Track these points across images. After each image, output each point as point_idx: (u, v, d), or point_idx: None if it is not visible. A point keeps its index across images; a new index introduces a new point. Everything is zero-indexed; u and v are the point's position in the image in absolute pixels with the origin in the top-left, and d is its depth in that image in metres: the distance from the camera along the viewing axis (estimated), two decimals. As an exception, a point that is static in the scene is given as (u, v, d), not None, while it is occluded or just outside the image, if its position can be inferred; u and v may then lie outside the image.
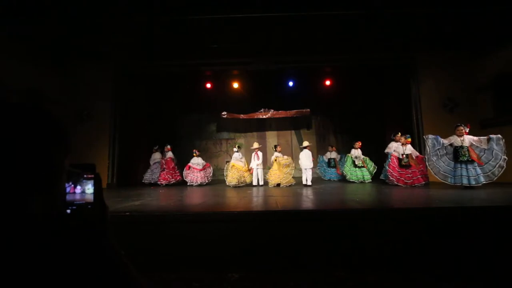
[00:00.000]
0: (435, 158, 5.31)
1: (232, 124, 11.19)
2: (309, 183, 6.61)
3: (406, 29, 6.36)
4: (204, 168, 7.99)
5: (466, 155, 5.04)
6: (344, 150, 9.55)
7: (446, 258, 2.67)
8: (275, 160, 6.90)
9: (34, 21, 5.63)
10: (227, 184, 7.01)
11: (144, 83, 8.71)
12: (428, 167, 5.37)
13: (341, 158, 8.48)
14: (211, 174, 8.21)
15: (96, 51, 7.17)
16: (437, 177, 5.27)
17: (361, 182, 7.04)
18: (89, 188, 0.59)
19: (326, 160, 8.59)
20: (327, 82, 9.45)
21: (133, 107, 8.35)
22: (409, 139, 6.34)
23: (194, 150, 8.28)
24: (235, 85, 9.55)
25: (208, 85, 9.54)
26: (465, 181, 4.95)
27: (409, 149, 6.18)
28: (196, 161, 7.97)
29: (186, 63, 7.84)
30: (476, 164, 4.96)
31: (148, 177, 8.09)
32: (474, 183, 4.89)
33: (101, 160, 7.44)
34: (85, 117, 7.55)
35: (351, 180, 7.24)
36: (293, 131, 11.28)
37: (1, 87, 5.84)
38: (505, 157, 4.79)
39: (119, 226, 2.98)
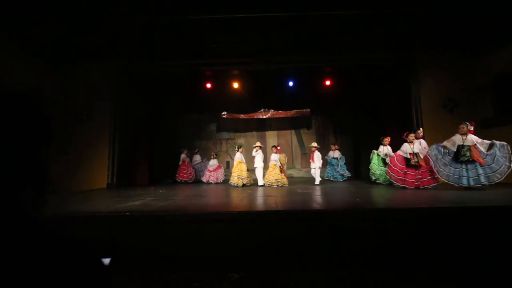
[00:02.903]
0: (443, 167, 5.09)
1: (232, 124, 11.21)
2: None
3: (406, 29, 6.36)
4: (215, 170, 8.86)
5: (467, 155, 4.88)
6: (344, 150, 9.57)
7: (446, 258, 2.67)
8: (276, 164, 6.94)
9: (34, 21, 5.63)
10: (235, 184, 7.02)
11: (144, 83, 8.71)
12: (441, 178, 5.11)
13: (340, 158, 8.42)
14: (222, 175, 8.90)
15: (96, 51, 7.17)
16: (445, 180, 5.05)
17: (390, 183, 6.00)
18: None
19: (329, 160, 8.38)
20: (327, 82, 9.44)
21: (133, 107, 8.35)
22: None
23: (212, 153, 9.43)
24: (235, 85, 9.54)
25: (208, 85, 9.53)
26: (464, 182, 4.83)
27: (416, 147, 5.66)
28: (211, 163, 9.07)
29: (186, 63, 7.84)
30: (478, 164, 4.80)
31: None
32: (473, 183, 4.76)
33: (101, 160, 7.45)
34: (85, 117, 7.55)
35: (378, 181, 6.53)
36: (293, 131, 11.29)
37: (1, 87, 5.85)
38: (509, 164, 4.57)
39: (119, 226, 2.98)
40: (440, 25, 6.19)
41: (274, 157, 7.07)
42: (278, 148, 7.30)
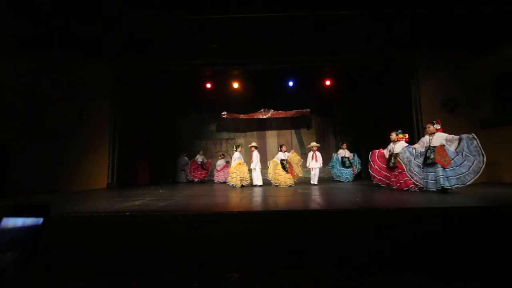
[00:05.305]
0: (417, 170, 4.69)
1: (232, 124, 11.22)
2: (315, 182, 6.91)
3: (406, 29, 6.37)
4: (222, 169, 9.07)
5: (431, 157, 4.50)
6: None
7: (446, 258, 2.67)
8: (287, 161, 6.89)
9: (34, 21, 5.64)
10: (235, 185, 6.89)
11: (144, 83, 8.71)
12: (415, 182, 4.73)
13: (353, 156, 8.27)
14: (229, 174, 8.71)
15: (96, 51, 7.18)
16: (419, 184, 4.71)
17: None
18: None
19: (340, 159, 8.05)
20: (327, 82, 9.46)
21: (133, 107, 8.36)
22: (400, 136, 5.49)
23: (220, 153, 9.84)
24: (235, 85, 9.56)
25: (208, 85, 9.55)
26: (430, 185, 4.49)
27: (398, 147, 5.30)
28: (218, 163, 9.32)
29: (186, 63, 7.85)
30: (439, 166, 4.40)
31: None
32: (447, 184, 4.30)
33: (101, 160, 7.45)
34: (85, 117, 7.55)
35: None
36: (293, 131, 11.30)
37: (1, 87, 5.85)
38: (481, 159, 4.12)
39: (119, 226, 2.98)
40: (440, 25, 6.19)
41: (281, 156, 7.02)
42: (283, 147, 7.24)
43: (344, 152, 8.13)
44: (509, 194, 4.25)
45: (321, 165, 7.07)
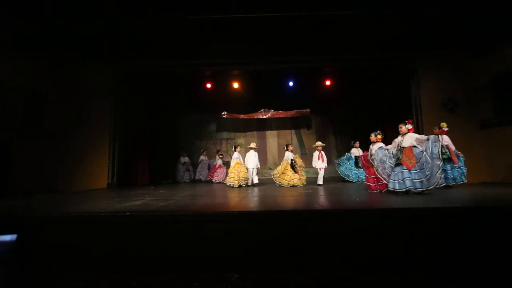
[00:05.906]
0: (390, 170, 4.56)
1: (232, 124, 11.23)
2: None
3: (406, 29, 6.37)
4: (216, 169, 9.05)
5: (399, 158, 4.45)
6: (344, 150, 9.56)
7: (446, 258, 2.67)
8: (293, 161, 6.85)
9: (34, 21, 5.64)
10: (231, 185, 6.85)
11: (144, 83, 8.71)
12: (388, 184, 4.56)
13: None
14: (223, 175, 8.76)
15: (96, 51, 7.17)
16: (391, 187, 4.47)
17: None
18: None
19: (353, 158, 7.73)
20: (327, 82, 9.46)
21: (133, 107, 8.35)
22: (379, 136, 5.34)
23: (220, 153, 9.54)
24: (235, 85, 9.56)
25: (208, 85, 9.55)
26: (399, 185, 4.33)
27: (375, 148, 5.14)
28: (218, 162, 9.28)
29: (186, 63, 7.85)
30: (405, 168, 4.32)
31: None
32: (398, 187, 4.30)
33: (101, 160, 7.45)
34: (85, 117, 7.55)
35: None
36: (293, 131, 11.31)
37: (1, 87, 5.85)
38: (438, 163, 4.12)
39: (119, 226, 2.98)
40: (440, 25, 6.19)
41: (290, 156, 6.98)
42: (290, 147, 7.20)
43: (357, 151, 7.76)
44: (509, 194, 4.24)
45: (327, 165, 7.04)
